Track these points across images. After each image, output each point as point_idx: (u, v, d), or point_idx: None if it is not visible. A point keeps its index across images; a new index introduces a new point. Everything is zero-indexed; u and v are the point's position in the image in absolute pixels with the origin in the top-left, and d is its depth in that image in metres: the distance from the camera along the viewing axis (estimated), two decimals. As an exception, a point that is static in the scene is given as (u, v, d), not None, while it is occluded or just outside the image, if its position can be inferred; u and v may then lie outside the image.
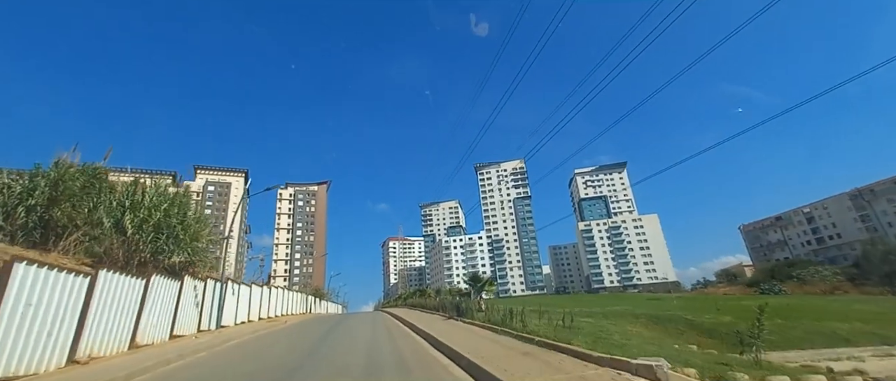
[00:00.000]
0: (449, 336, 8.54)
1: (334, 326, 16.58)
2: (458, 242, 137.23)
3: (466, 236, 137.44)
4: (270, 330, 15.07)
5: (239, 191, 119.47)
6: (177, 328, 11.91)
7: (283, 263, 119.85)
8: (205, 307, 13.91)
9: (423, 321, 13.51)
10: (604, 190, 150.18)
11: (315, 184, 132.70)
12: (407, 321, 14.98)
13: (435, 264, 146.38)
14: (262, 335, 13.10)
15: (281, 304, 28.18)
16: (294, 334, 13.94)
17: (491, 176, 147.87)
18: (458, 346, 7.12)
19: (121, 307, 9.03)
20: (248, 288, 20.79)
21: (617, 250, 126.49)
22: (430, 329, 10.01)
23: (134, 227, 10.04)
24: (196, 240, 12.68)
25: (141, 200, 10.87)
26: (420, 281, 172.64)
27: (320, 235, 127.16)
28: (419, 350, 8.36)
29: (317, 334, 13.05)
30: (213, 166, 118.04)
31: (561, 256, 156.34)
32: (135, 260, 10.06)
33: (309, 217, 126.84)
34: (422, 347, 8.57)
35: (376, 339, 10.72)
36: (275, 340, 12.24)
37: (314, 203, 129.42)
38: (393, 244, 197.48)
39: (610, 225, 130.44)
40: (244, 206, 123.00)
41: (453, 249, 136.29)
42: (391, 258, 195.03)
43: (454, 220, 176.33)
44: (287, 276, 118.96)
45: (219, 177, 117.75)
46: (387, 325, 15.32)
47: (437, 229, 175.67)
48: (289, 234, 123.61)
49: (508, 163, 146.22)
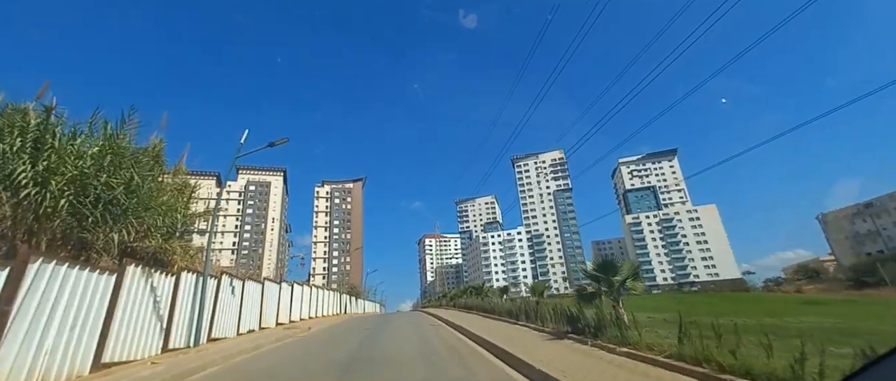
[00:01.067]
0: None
1: (368, 338, 12.54)
2: (496, 238, 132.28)
3: (505, 232, 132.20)
4: (276, 346, 11.26)
5: (278, 190, 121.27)
6: (113, 348, 7.11)
7: (321, 260, 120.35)
8: (179, 315, 9.63)
9: (512, 339, 8.51)
10: (652, 180, 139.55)
11: (351, 181, 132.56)
12: (479, 336, 9.77)
13: (472, 261, 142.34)
14: (252, 358, 8.88)
15: (308, 304, 25.00)
16: (305, 352, 9.77)
17: (529, 169, 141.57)
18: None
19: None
20: (259, 285, 16.66)
21: (670, 245, 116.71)
22: (560, 367, 5.26)
23: (30, 179, 6.22)
24: (168, 212, 9.16)
25: (50, 141, 6.74)
26: (457, 279, 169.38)
27: (357, 232, 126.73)
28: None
29: (340, 355, 8.77)
30: (254, 166, 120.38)
31: (605, 252, 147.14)
32: (43, 236, 6.49)
33: (345, 215, 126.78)
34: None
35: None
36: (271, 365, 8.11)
37: (350, 200, 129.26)
38: (429, 242, 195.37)
39: (661, 217, 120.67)
40: (284, 204, 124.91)
41: (491, 245, 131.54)
42: (427, 256, 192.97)
43: (491, 215, 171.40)
44: (325, 274, 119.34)
45: (259, 177, 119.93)
46: (446, 340, 11.16)
47: (474, 226, 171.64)
48: (326, 232, 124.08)
49: (547, 154, 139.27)
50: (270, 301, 18.18)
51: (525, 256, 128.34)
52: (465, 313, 22.31)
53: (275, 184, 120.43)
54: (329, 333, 15.76)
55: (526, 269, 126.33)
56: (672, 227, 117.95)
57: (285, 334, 14.43)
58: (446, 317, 20.81)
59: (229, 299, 13.45)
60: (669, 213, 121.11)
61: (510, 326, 12.74)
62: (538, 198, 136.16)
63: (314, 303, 26.76)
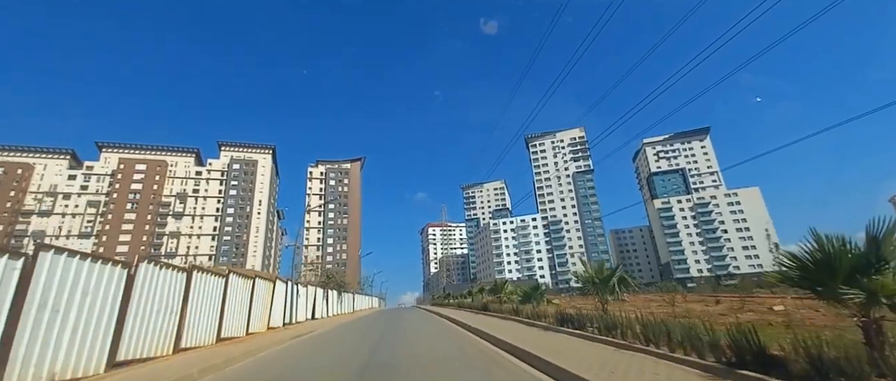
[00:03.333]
0: None
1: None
2: (508, 225, 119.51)
3: (519, 219, 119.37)
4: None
5: (267, 170, 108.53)
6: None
7: (315, 248, 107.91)
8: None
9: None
10: (681, 162, 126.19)
11: (348, 161, 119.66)
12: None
13: (481, 250, 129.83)
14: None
15: (233, 314, 12.31)
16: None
17: (545, 149, 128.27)
18: None
19: None
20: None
21: (707, 233, 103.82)
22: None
23: None
24: None
25: None
26: (463, 271, 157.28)
27: (354, 218, 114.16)
28: None
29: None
30: (239, 143, 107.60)
31: (625, 241, 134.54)
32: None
33: (342, 198, 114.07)
34: None
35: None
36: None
37: (347, 182, 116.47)
38: (432, 231, 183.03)
39: (696, 202, 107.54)
40: (273, 187, 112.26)
41: (503, 233, 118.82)
42: (431, 246, 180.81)
43: (500, 202, 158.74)
44: (319, 263, 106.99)
45: (245, 154, 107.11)
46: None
47: (482, 213, 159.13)
48: (320, 217, 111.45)
49: (565, 132, 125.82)
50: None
51: (541, 244, 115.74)
52: (481, 316, 10.55)
53: (262, 163, 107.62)
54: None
55: (541, 259, 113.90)
56: (708, 212, 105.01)
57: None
58: (479, 326, 8.51)
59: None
60: (705, 197, 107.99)
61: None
62: (555, 181, 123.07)
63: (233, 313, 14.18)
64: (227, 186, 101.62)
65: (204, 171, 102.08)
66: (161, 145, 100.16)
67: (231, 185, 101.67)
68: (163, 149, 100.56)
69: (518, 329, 10.97)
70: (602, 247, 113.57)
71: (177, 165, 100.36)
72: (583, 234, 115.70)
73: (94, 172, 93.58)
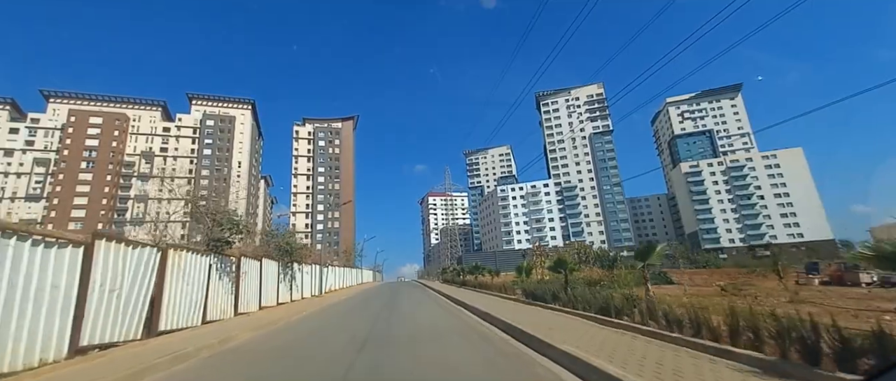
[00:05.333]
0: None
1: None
2: (518, 192, 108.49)
3: (529, 184, 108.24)
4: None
5: (246, 128, 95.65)
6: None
7: (303, 216, 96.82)
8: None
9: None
10: (708, 123, 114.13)
11: (339, 120, 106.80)
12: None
13: (487, 220, 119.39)
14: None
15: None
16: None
17: (558, 108, 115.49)
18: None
19: None
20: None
21: (740, 199, 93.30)
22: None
23: None
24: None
25: None
26: (466, 242, 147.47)
27: (347, 182, 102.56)
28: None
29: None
30: (213, 96, 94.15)
31: (640, 210, 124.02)
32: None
33: (332, 161, 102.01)
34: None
35: None
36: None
37: (339, 143, 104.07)
38: (433, 200, 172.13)
39: (729, 165, 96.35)
40: (255, 147, 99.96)
41: (512, 200, 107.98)
42: (431, 216, 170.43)
43: (506, 169, 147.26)
44: (309, 232, 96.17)
45: (220, 109, 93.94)
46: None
47: (486, 180, 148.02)
48: (308, 182, 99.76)
49: (581, 89, 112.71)
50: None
51: (553, 212, 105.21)
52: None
53: (241, 120, 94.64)
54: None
55: (554, 228, 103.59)
56: (743, 177, 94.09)
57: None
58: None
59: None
60: (739, 159, 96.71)
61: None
62: (570, 143, 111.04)
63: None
64: (200, 144, 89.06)
65: (173, 127, 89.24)
66: (120, 96, 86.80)
67: (205, 143, 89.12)
68: (123, 100, 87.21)
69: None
70: (621, 215, 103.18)
71: (140, 120, 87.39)
72: (600, 200, 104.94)
73: (41, 125, 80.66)
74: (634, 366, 4.39)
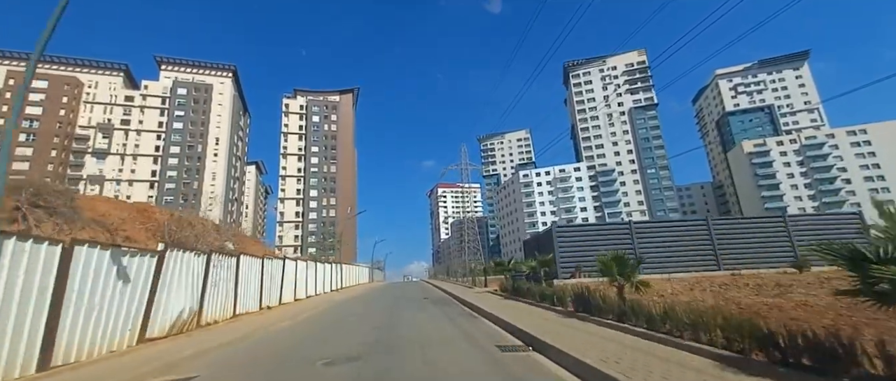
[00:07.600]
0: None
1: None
2: (544, 178, 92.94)
3: (557, 168, 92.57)
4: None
5: (227, 99, 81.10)
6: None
7: (294, 203, 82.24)
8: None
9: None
10: (766, 98, 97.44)
11: (336, 92, 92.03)
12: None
13: (506, 210, 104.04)
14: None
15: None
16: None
17: (591, 80, 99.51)
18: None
19: None
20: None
21: (821, 181, 76.91)
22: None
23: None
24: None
25: None
26: (482, 235, 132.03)
27: (346, 165, 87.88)
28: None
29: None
30: (187, 60, 79.71)
31: (682, 201, 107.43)
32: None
33: (328, 140, 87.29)
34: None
35: None
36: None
37: (336, 120, 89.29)
38: (442, 191, 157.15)
39: (804, 143, 79.86)
40: (235, 123, 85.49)
41: (537, 186, 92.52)
42: (441, 208, 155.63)
43: (525, 155, 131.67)
44: (300, 221, 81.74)
45: (194, 76, 79.52)
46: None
47: (503, 168, 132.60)
48: (300, 163, 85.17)
49: (618, 57, 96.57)
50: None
51: (586, 200, 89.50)
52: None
53: (220, 89, 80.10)
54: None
55: (588, 219, 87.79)
56: (823, 157, 77.65)
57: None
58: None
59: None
60: (818, 135, 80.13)
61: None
62: (605, 120, 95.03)
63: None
64: (170, 117, 74.74)
65: (137, 95, 75.01)
66: (72, 57, 72.66)
67: (176, 116, 74.79)
68: (75, 62, 73.15)
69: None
70: (670, 203, 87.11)
71: (97, 87, 73.28)
72: (643, 186, 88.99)
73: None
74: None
